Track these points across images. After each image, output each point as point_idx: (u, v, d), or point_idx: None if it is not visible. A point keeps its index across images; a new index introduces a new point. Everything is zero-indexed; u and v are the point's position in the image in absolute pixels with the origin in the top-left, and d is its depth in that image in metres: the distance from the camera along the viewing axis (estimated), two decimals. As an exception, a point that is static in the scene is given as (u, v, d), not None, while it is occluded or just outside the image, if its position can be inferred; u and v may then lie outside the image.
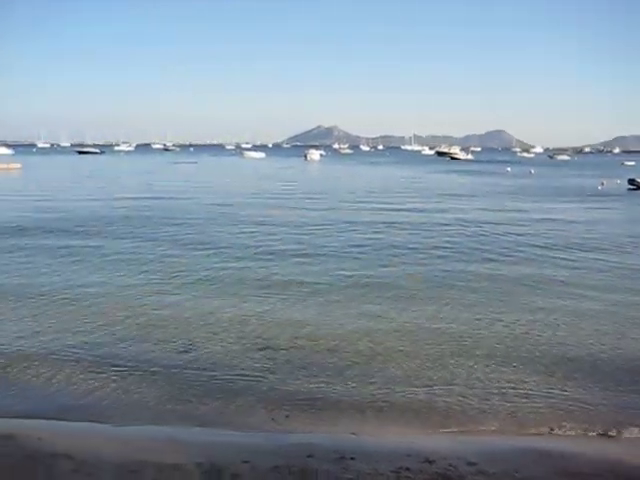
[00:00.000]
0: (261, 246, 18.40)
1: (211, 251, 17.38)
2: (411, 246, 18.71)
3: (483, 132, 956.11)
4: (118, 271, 14.56)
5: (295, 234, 20.90)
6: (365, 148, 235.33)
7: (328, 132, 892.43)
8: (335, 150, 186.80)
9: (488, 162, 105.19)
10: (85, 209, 27.26)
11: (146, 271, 14.62)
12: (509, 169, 77.53)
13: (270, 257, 16.63)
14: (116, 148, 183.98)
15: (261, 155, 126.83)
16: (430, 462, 5.53)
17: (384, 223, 23.91)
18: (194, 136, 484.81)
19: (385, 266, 15.64)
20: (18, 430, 6.11)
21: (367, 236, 20.62)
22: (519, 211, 29.66)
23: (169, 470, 5.21)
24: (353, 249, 18.02)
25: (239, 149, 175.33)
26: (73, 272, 14.36)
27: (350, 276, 14.31)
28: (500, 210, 30.02)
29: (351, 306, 11.72)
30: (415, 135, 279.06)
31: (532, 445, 6.22)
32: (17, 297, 11.88)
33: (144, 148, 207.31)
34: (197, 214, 26.13)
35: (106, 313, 10.92)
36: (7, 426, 6.27)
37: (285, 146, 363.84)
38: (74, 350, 8.98)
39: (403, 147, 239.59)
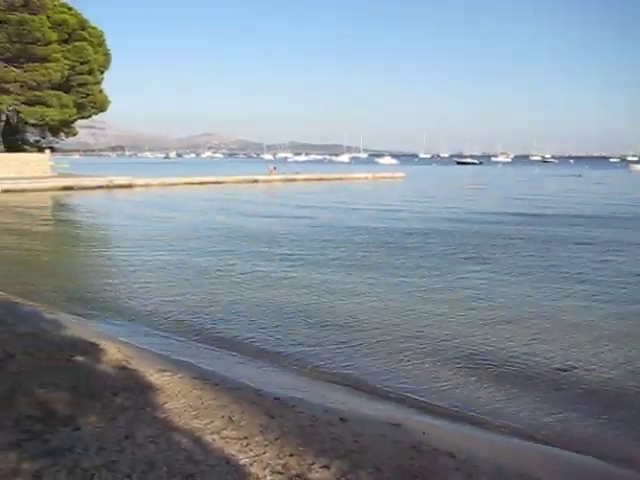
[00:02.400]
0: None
1: None
2: None
3: None
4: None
5: None
6: None
7: None
8: None
9: None
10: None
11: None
12: None
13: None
14: (493, 159, 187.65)
15: None
16: None
17: None
18: (574, 148, 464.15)
19: None
20: (405, 421, 6.37)
21: None
22: None
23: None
24: None
25: (625, 162, 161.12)
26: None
27: None
28: None
29: None
30: None
31: None
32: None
33: (522, 160, 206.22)
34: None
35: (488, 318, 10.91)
36: (396, 415, 6.61)
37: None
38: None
39: None
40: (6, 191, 41.29)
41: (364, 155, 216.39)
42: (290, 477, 4.49)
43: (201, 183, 55.07)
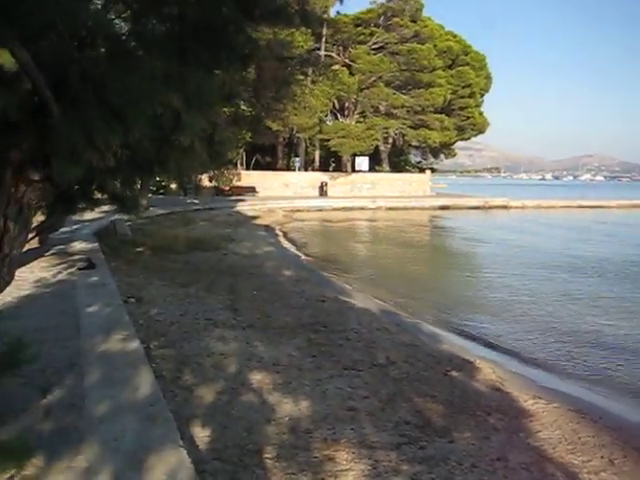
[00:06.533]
0: None
1: None
2: None
3: None
4: None
5: None
6: None
7: None
8: None
9: None
10: None
11: None
12: None
13: None
14: None
15: None
16: None
17: None
18: None
19: None
20: None
21: None
22: None
23: None
24: None
25: None
26: None
27: None
28: None
29: None
30: None
31: None
32: None
33: None
34: None
35: None
36: None
37: None
38: None
39: None
40: (390, 209, 45.22)
41: None
42: None
43: (580, 207, 52.10)
